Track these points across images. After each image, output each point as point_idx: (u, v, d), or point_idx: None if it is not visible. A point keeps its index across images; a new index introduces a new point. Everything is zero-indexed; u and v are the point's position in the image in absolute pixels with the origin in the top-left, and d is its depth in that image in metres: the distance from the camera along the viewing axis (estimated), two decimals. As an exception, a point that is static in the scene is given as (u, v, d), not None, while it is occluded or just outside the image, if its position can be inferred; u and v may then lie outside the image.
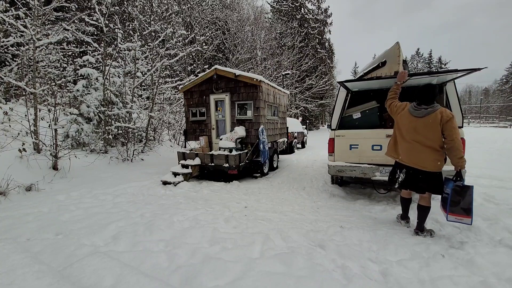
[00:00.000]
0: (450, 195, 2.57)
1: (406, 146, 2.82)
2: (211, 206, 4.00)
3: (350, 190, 4.88)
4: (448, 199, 2.58)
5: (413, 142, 2.74)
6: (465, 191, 2.56)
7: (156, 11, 12.59)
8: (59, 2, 6.88)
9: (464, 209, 2.55)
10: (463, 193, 2.56)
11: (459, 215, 2.56)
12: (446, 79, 3.60)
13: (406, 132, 2.79)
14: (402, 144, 2.87)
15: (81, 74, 7.74)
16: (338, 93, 4.34)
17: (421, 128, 2.67)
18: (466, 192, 2.56)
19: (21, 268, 2.00)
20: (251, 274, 2.07)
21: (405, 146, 2.82)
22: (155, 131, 9.70)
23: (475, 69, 3.10)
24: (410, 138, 2.76)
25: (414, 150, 2.75)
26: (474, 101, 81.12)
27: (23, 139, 5.82)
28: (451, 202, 2.57)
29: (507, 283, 1.94)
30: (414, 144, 2.74)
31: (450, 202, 2.57)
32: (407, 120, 2.78)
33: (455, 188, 2.57)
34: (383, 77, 3.81)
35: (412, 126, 2.73)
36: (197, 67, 15.72)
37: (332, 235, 2.89)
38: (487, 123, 42.36)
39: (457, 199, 2.57)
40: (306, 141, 14.78)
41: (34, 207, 3.79)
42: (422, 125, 2.66)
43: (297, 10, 29.37)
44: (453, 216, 2.59)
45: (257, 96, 5.99)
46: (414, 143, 2.74)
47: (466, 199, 2.55)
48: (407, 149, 2.81)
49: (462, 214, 2.56)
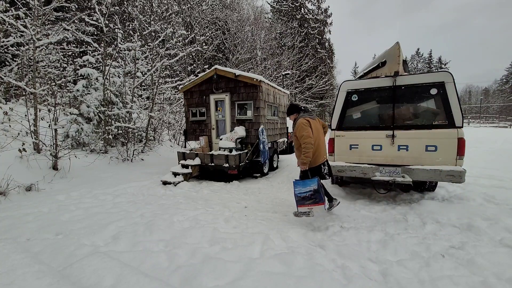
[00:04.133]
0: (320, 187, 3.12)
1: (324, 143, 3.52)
2: (211, 206, 4.00)
3: (350, 190, 4.88)
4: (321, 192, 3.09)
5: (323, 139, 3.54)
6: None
7: (156, 11, 12.58)
8: (59, 2, 6.87)
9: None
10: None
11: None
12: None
13: (318, 134, 3.39)
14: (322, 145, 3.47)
15: (81, 74, 7.75)
16: (338, 93, 4.34)
17: (320, 128, 3.48)
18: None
19: (21, 268, 2.00)
20: (251, 274, 2.07)
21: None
22: (155, 131, 9.70)
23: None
24: (323, 137, 3.51)
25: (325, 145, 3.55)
26: (474, 101, 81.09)
27: (23, 139, 5.82)
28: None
29: (507, 283, 1.94)
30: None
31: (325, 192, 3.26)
32: (315, 126, 3.36)
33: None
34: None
35: (317, 128, 3.39)
36: (197, 67, 15.71)
37: (332, 235, 2.90)
38: (487, 123, 42.35)
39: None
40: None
41: (34, 207, 3.79)
42: (319, 125, 3.47)
43: (297, 10, 29.35)
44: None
45: (257, 96, 5.99)
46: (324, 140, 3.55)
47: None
48: (324, 146, 3.53)
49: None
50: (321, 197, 3.04)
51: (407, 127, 3.84)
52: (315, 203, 3.03)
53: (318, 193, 3.03)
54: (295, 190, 3.17)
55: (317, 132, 3.33)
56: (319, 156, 3.32)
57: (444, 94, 3.63)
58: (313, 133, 3.20)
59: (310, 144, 3.08)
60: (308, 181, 3.11)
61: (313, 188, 3.04)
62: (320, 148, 3.32)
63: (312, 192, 3.04)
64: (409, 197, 4.18)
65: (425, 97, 3.86)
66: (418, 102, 3.95)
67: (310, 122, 3.24)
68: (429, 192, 4.36)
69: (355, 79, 4.43)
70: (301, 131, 3.16)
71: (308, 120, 3.25)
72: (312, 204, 3.05)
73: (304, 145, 3.10)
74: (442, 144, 3.62)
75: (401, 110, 3.92)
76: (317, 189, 3.03)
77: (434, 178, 3.61)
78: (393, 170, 3.83)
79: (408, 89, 3.86)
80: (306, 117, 3.32)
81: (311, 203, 3.05)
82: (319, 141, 3.31)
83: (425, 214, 3.38)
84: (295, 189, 3.17)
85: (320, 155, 3.33)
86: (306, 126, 3.17)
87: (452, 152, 3.57)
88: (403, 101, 3.93)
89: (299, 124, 3.23)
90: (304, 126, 3.16)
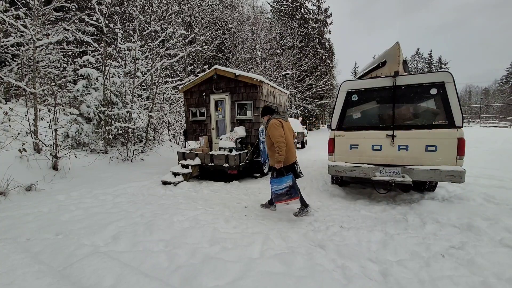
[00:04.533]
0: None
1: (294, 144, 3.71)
2: (211, 206, 4.00)
3: (350, 190, 4.88)
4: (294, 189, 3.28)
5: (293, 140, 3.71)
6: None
7: (156, 11, 12.58)
8: (59, 2, 6.88)
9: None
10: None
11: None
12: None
13: (290, 135, 3.55)
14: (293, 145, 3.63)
15: (81, 74, 7.74)
16: (338, 93, 4.34)
17: (291, 130, 3.67)
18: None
19: (21, 268, 2.00)
20: (251, 274, 2.07)
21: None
22: (155, 131, 9.70)
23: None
24: (292, 138, 3.66)
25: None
26: (474, 101, 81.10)
27: (23, 139, 5.81)
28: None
29: (507, 283, 1.94)
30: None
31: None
32: (287, 127, 3.53)
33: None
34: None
35: (289, 129, 3.58)
36: (197, 67, 15.71)
37: (332, 235, 2.90)
38: (487, 123, 42.34)
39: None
40: (306, 141, 14.76)
41: (34, 207, 3.79)
42: (290, 127, 3.65)
43: (297, 10, 29.36)
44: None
45: (257, 96, 5.99)
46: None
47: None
48: (294, 146, 3.72)
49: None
50: (296, 192, 3.26)
51: (407, 127, 3.84)
52: (290, 198, 3.25)
53: (293, 188, 3.24)
54: (272, 188, 3.35)
55: (289, 133, 3.53)
56: (291, 156, 3.49)
57: (444, 94, 3.63)
58: (285, 133, 3.39)
59: (283, 143, 3.27)
60: (284, 178, 3.30)
61: (289, 185, 3.25)
62: (291, 148, 3.50)
63: (288, 188, 3.25)
64: (409, 197, 4.18)
65: (425, 97, 3.86)
66: (418, 102, 3.94)
67: (282, 123, 3.44)
68: (429, 192, 4.35)
69: (355, 79, 4.43)
70: (274, 131, 3.33)
71: (280, 121, 3.44)
72: (288, 199, 3.27)
73: (277, 144, 3.28)
74: (442, 144, 3.62)
75: (401, 110, 3.92)
76: (292, 184, 3.25)
77: (434, 178, 3.61)
78: (393, 170, 3.83)
79: (408, 89, 3.86)
80: (279, 118, 3.51)
81: (287, 198, 3.26)
82: (290, 141, 3.49)
83: (425, 214, 3.38)
84: (272, 187, 3.35)
85: (292, 155, 3.51)
86: (279, 126, 3.36)
87: (452, 152, 3.57)
88: (403, 101, 3.92)
89: (272, 124, 3.40)
90: (277, 126, 3.35)
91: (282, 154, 3.26)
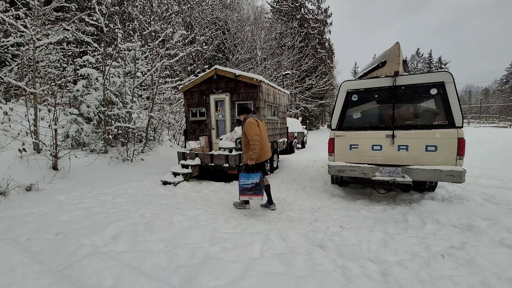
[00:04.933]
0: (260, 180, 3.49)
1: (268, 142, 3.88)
2: (211, 206, 4.00)
3: (350, 190, 4.88)
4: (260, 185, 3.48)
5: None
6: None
7: (156, 11, 12.58)
8: (59, 2, 6.88)
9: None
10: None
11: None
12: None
13: (264, 134, 3.75)
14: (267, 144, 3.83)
15: (81, 74, 7.75)
16: (338, 93, 4.34)
17: (266, 129, 3.83)
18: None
19: (21, 268, 2.00)
20: (251, 274, 2.07)
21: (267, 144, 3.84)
22: (155, 131, 9.70)
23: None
24: (267, 138, 3.86)
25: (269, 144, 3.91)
26: (474, 101, 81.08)
27: (23, 139, 5.81)
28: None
29: (507, 283, 1.94)
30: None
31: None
32: (262, 126, 3.69)
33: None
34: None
35: (264, 128, 3.72)
36: (197, 67, 15.71)
37: (332, 235, 2.90)
38: (487, 123, 42.33)
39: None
40: (306, 141, 14.77)
41: (34, 207, 3.79)
42: (265, 126, 3.78)
43: (297, 10, 29.36)
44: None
45: (257, 96, 5.99)
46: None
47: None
48: (268, 145, 3.88)
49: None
50: (261, 190, 3.46)
51: (407, 127, 3.84)
52: (254, 194, 3.47)
53: (259, 186, 3.46)
54: (239, 181, 3.55)
55: (264, 132, 3.72)
56: (264, 153, 3.69)
57: (444, 94, 3.63)
58: (260, 132, 3.56)
59: (257, 142, 3.45)
60: (252, 175, 3.49)
61: (255, 182, 3.46)
62: (265, 146, 3.70)
63: (254, 184, 3.46)
64: (409, 197, 4.18)
65: (425, 97, 3.86)
66: (418, 102, 3.95)
67: (258, 122, 3.61)
68: (429, 192, 4.36)
69: (355, 79, 4.43)
70: (249, 129, 3.49)
71: (256, 120, 3.60)
72: (252, 195, 3.49)
73: (252, 142, 3.45)
74: (442, 144, 3.62)
75: (401, 110, 3.92)
76: (258, 182, 3.46)
77: (434, 178, 3.61)
78: (393, 170, 3.83)
79: (408, 89, 3.86)
80: (255, 117, 3.66)
81: (252, 193, 3.49)
82: (265, 140, 3.70)
83: (425, 214, 3.38)
84: (240, 181, 3.54)
85: (265, 153, 3.71)
86: (255, 125, 3.51)
87: (452, 152, 3.57)
88: (403, 101, 3.93)
89: (248, 122, 3.55)
90: (253, 125, 3.50)
91: (255, 152, 3.44)
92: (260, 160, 3.63)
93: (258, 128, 3.53)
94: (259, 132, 3.50)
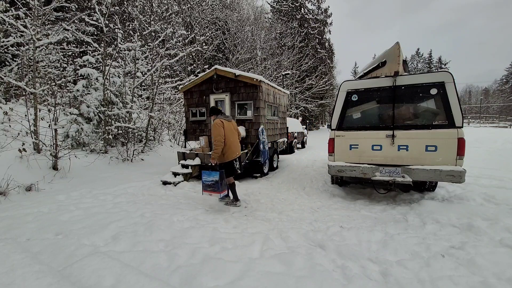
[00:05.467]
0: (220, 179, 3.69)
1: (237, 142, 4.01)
2: (211, 206, 4.00)
3: (350, 190, 4.88)
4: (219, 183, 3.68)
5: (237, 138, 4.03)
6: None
7: (156, 11, 12.58)
8: (59, 2, 6.88)
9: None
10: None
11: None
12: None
13: (232, 134, 3.86)
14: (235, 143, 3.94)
15: (81, 74, 7.74)
16: (338, 93, 4.34)
17: (234, 129, 3.94)
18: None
19: (21, 268, 2.00)
20: (251, 274, 2.07)
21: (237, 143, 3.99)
22: (155, 131, 9.70)
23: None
24: (236, 137, 3.98)
25: (239, 143, 4.05)
26: (474, 101, 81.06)
27: (23, 139, 5.81)
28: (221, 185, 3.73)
29: (507, 283, 1.94)
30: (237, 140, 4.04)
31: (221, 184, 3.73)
32: (229, 127, 3.82)
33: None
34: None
35: (231, 129, 3.84)
36: (197, 67, 15.71)
37: (332, 235, 2.90)
38: (487, 123, 42.32)
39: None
40: (306, 141, 14.76)
41: (34, 207, 3.79)
42: (233, 127, 3.92)
43: (297, 10, 29.36)
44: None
45: (257, 96, 5.99)
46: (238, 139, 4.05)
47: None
48: (237, 144, 3.99)
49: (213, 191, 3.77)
50: (219, 187, 3.66)
51: (407, 127, 3.84)
52: (214, 191, 3.72)
53: (218, 184, 3.67)
54: (202, 178, 3.78)
55: (231, 133, 3.82)
56: (231, 153, 3.82)
57: (444, 94, 3.63)
58: (226, 133, 3.71)
59: (220, 142, 3.61)
60: (213, 173, 3.69)
61: (215, 179, 3.67)
62: (232, 146, 3.82)
63: (214, 182, 3.68)
64: (409, 197, 4.18)
65: (425, 97, 3.86)
66: (418, 102, 3.95)
67: (223, 123, 3.73)
68: (429, 192, 4.36)
69: (355, 79, 4.43)
70: (214, 130, 3.68)
71: (222, 121, 3.73)
72: (212, 192, 3.74)
73: (215, 142, 3.61)
74: (442, 144, 3.62)
75: (401, 110, 3.92)
76: (217, 180, 3.65)
77: (434, 178, 3.61)
78: (393, 170, 3.83)
79: (408, 89, 3.86)
80: (222, 118, 3.80)
81: (211, 190, 3.73)
82: (231, 140, 3.81)
83: (425, 214, 3.38)
84: (203, 177, 3.78)
85: (232, 152, 3.83)
86: (220, 126, 3.66)
87: (452, 152, 3.57)
88: (403, 101, 3.93)
89: (214, 123, 3.72)
90: (218, 126, 3.66)
91: (216, 152, 3.63)
92: (227, 159, 3.80)
93: (223, 128, 3.67)
94: (223, 133, 3.65)
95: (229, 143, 3.76)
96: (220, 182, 3.67)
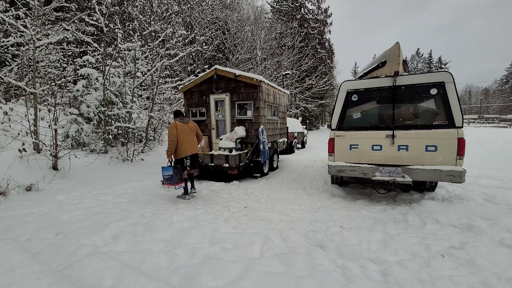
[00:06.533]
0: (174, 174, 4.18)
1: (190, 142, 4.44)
2: (211, 206, 4.00)
3: (350, 190, 4.88)
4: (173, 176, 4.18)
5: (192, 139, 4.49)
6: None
7: (156, 11, 12.58)
8: (59, 2, 6.89)
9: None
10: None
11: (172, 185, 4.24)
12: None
13: (185, 135, 4.32)
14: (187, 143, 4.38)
15: (81, 74, 7.75)
16: (338, 93, 4.34)
17: (189, 131, 4.39)
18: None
19: (21, 268, 2.00)
20: (251, 274, 2.07)
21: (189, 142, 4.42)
22: (155, 131, 9.70)
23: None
24: (190, 137, 4.42)
25: (194, 143, 4.49)
26: (474, 101, 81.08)
27: (23, 139, 5.81)
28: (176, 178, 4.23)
29: (507, 283, 1.94)
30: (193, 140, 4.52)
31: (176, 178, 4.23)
32: (182, 128, 4.29)
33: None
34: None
35: (185, 130, 4.32)
36: (197, 67, 15.71)
37: (332, 235, 2.89)
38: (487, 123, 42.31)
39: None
40: (306, 141, 14.77)
41: (34, 207, 3.79)
42: (188, 128, 4.38)
43: (297, 10, 29.36)
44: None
45: (257, 96, 5.99)
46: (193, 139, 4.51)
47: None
48: (190, 144, 4.42)
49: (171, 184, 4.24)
50: (174, 181, 4.16)
51: (407, 127, 3.84)
52: (170, 184, 4.23)
53: (172, 178, 4.16)
54: (162, 173, 4.24)
55: (184, 133, 4.27)
56: (182, 151, 4.28)
57: (444, 94, 3.63)
58: (179, 134, 4.19)
59: (171, 141, 4.14)
60: (169, 168, 4.19)
61: (170, 174, 4.17)
62: (184, 145, 4.27)
63: (170, 176, 4.18)
64: (409, 197, 4.18)
65: (425, 97, 3.86)
66: (418, 102, 3.95)
67: (177, 125, 4.21)
68: (429, 192, 4.36)
69: (355, 79, 4.43)
70: (168, 130, 4.20)
71: (176, 123, 4.23)
72: (169, 184, 4.24)
73: (168, 142, 4.17)
74: (442, 144, 3.62)
75: (401, 110, 3.92)
76: (172, 174, 4.15)
77: (434, 178, 3.61)
78: (393, 170, 3.83)
79: (408, 89, 3.86)
80: (177, 120, 4.29)
81: (168, 183, 4.23)
82: (183, 140, 4.26)
83: (425, 214, 3.38)
84: (162, 172, 4.23)
85: (183, 151, 4.28)
86: (172, 127, 4.17)
87: (452, 152, 3.57)
88: (403, 101, 3.93)
89: (170, 125, 4.25)
90: (171, 127, 4.18)
91: (169, 150, 4.18)
92: (179, 156, 4.31)
93: (176, 129, 4.15)
94: (175, 133, 4.15)
95: (181, 142, 4.24)
96: (175, 176, 4.15)
